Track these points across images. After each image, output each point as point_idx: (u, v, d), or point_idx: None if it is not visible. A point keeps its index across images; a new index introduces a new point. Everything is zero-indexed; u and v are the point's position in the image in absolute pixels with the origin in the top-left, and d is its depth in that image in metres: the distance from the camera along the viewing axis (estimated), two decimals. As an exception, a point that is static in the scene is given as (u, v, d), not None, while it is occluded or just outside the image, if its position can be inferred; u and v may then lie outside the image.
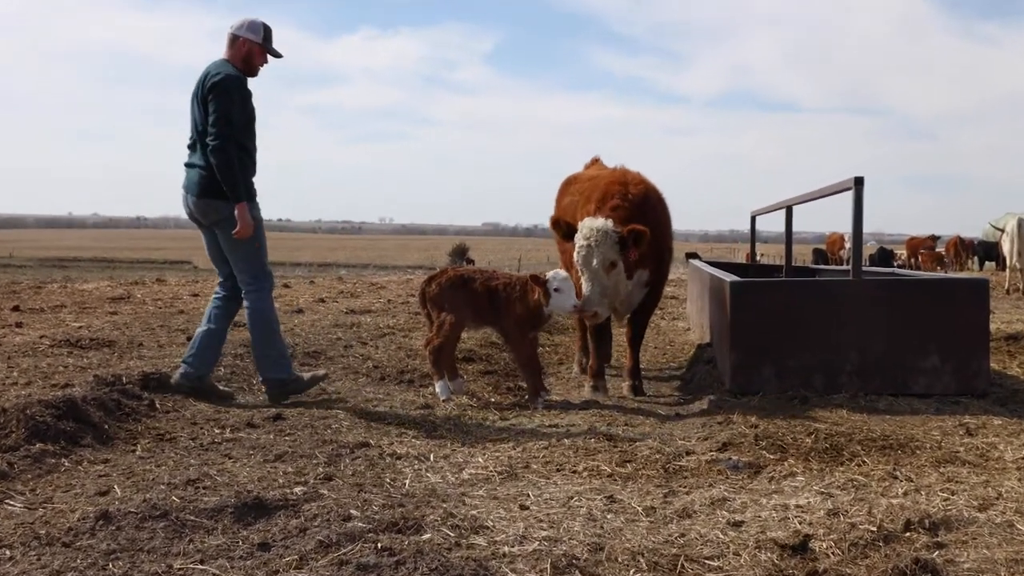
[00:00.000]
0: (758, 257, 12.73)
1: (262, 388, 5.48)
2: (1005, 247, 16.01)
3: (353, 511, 3.16)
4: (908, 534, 3.01)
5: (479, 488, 3.66)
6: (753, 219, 10.95)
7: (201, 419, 4.74)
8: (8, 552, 2.80)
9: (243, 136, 5.16)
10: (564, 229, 5.91)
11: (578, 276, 5.67)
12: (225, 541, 2.89)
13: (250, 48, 5.29)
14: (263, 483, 3.54)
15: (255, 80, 5.33)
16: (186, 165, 5.28)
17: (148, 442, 4.23)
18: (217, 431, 4.49)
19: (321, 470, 3.77)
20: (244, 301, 5.35)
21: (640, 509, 3.36)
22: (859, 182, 5.63)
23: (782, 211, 8.47)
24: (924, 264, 30.28)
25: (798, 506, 3.37)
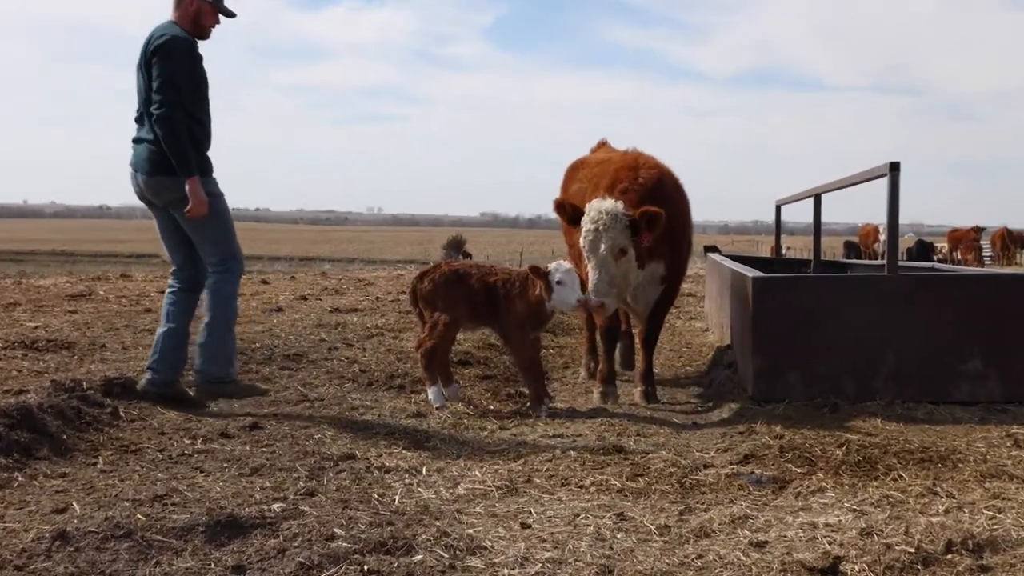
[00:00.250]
0: (783, 251, 12.73)
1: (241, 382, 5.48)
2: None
3: (337, 530, 3.15)
4: (950, 556, 3.00)
5: (476, 504, 3.65)
6: (778, 209, 10.94)
7: (169, 429, 4.73)
8: (-44, 575, 2.79)
9: (192, 104, 5.10)
10: (570, 213, 5.89)
11: (586, 269, 5.64)
12: (196, 563, 2.89)
13: (199, 7, 5.23)
14: (238, 499, 3.53)
15: (217, 49, 5.32)
16: (134, 141, 5.24)
17: (111, 454, 4.23)
18: (187, 442, 4.49)
19: (302, 485, 3.76)
20: (208, 280, 5.29)
21: (653, 528, 3.35)
22: (895, 168, 5.62)
23: (810, 200, 8.45)
24: (965, 258, 30.30)
25: (828, 525, 3.36)
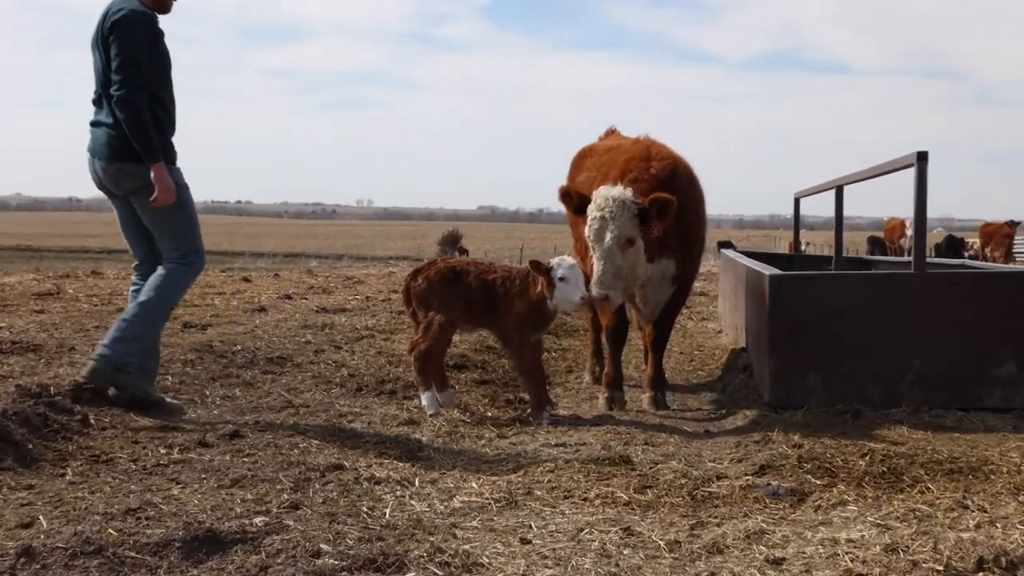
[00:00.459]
0: (803, 246, 12.74)
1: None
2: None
3: (323, 545, 3.15)
4: (981, 574, 3.00)
5: (473, 518, 3.65)
6: (797, 202, 10.94)
7: (144, 437, 4.72)
8: (-86, 594, 2.79)
9: (155, 85, 5.07)
10: (576, 202, 5.87)
11: (592, 262, 5.63)
12: (171, 581, 2.88)
13: None
14: (217, 513, 3.52)
15: (192, 29, 5.29)
16: (91, 124, 5.21)
17: (80, 464, 4.22)
18: (163, 451, 4.48)
19: (286, 497, 3.76)
20: (160, 267, 5.23)
21: (662, 544, 3.35)
22: (922, 157, 5.62)
23: (831, 192, 8.45)
24: (993, 255, 30.27)
25: (850, 540, 3.36)
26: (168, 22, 5.25)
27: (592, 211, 5.60)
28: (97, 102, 5.19)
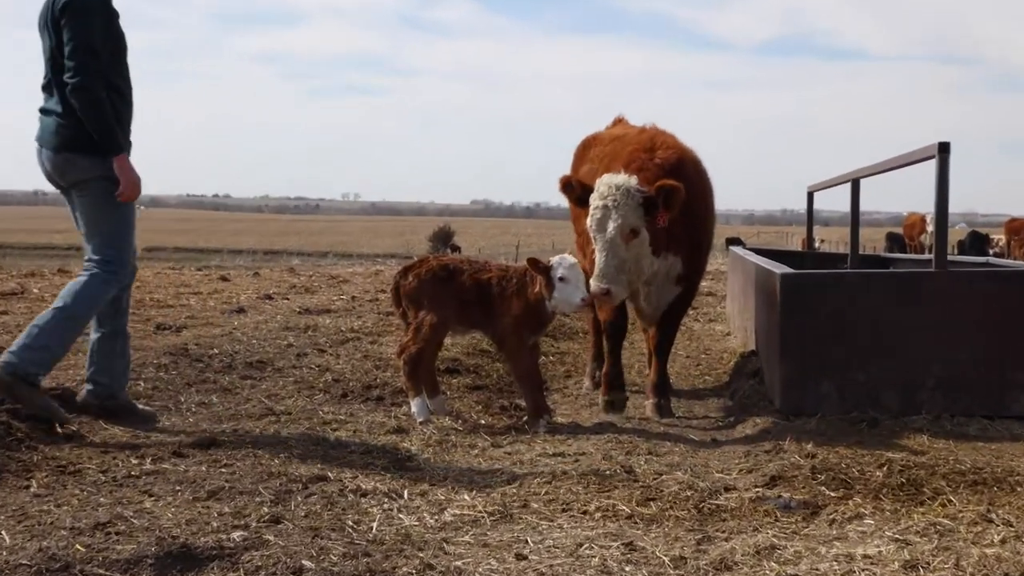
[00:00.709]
0: (816, 243, 12.76)
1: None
2: None
3: (306, 562, 3.15)
4: (1005, 592, 3.01)
5: (465, 533, 3.65)
6: (810, 196, 10.95)
7: (114, 447, 4.72)
8: None
9: (111, 71, 5.01)
10: (578, 192, 5.87)
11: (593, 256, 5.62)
12: (143, 600, 2.88)
13: None
14: (192, 527, 3.52)
15: (171, 10, 5.25)
16: (40, 112, 5.14)
17: (46, 476, 4.21)
18: (134, 462, 4.48)
19: (266, 510, 3.76)
20: (81, 274, 5.12)
21: (667, 559, 3.35)
22: (944, 149, 5.63)
23: (847, 186, 8.46)
24: (1021, 252, 30.33)
25: (866, 556, 3.36)
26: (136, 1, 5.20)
27: (595, 200, 5.60)
28: (47, 88, 5.10)
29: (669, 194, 5.53)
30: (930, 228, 26.64)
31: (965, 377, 5.58)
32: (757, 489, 4.18)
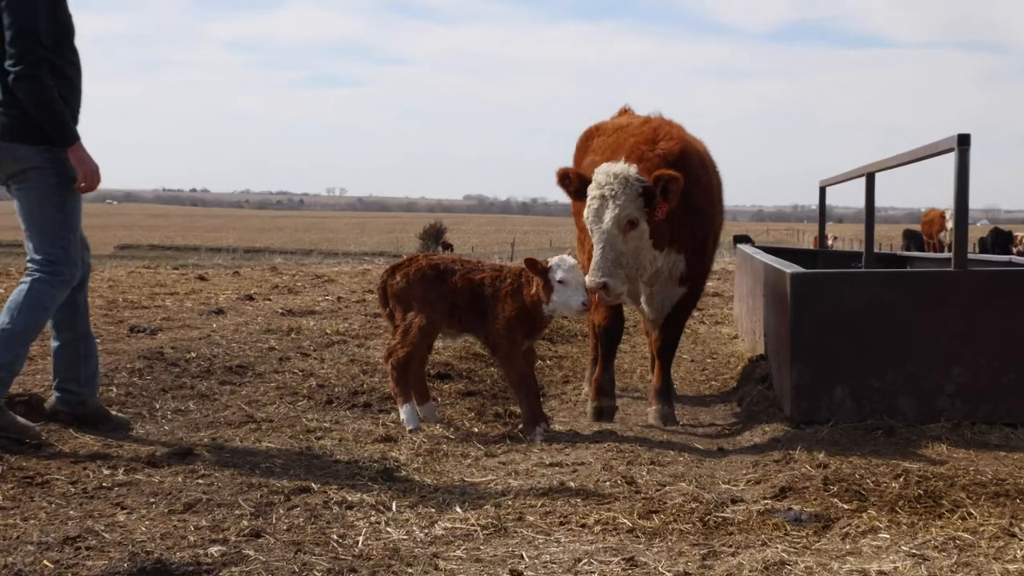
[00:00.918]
0: (829, 241, 12.77)
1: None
2: None
3: (287, 579, 3.15)
4: (1028, 610, 3.01)
5: (457, 547, 3.65)
6: (823, 191, 10.96)
7: (84, 456, 4.72)
8: None
9: (57, 56, 4.93)
10: (575, 184, 5.88)
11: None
12: (115, 619, 2.88)
13: None
14: (167, 541, 3.52)
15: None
16: None
17: (12, 487, 4.20)
18: (106, 472, 4.47)
19: (246, 524, 3.76)
20: (26, 277, 5.00)
21: (670, 575, 3.35)
22: (964, 141, 5.63)
23: (861, 180, 8.47)
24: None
25: (881, 572, 3.36)
26: None
27: (592, 190, 5.61)
28: None
29: (667, 184, 5.53)
30: (950, 225, 26.69)
31: (986, 382, 5.58)
32: (766, 501, 4.19)
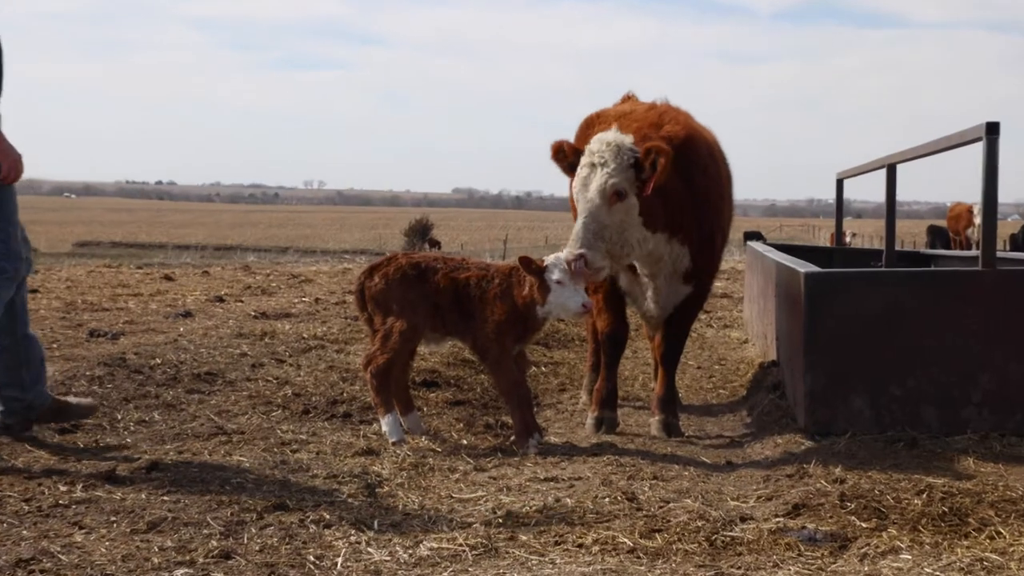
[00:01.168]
0: (847, 238, 12.79)
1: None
2: None
3: (259, 604, 3.14)
4: (1060, 636, 3.02)
5: (443, 570, 3.65)
6: (840, 184, 10.97)
7: (39, 471, 4.71)
8: None
9: None
10: (570, 158, 5.88)
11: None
12: (71, 648, 2.88)
13: None
14: (129, 563, 3.52)
15: None
16: None
17: (-38, 504, 4.20)
18: (63, 488, 4.46)
19: (215, 544, 3.75)
20: None
21: (675, 600, 3.35)
22: (992, 130, 5.64)
23: (881, 172, 8.48)
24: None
25: (902, 596, 3.37)
26: None
27: (583, 160, 5.63)
28: None
29: (656, 156, 5.53)
30: (977, 220, 26.75)
31: (1016, 391, 5.59)
32: (778, 519, 4.19)
